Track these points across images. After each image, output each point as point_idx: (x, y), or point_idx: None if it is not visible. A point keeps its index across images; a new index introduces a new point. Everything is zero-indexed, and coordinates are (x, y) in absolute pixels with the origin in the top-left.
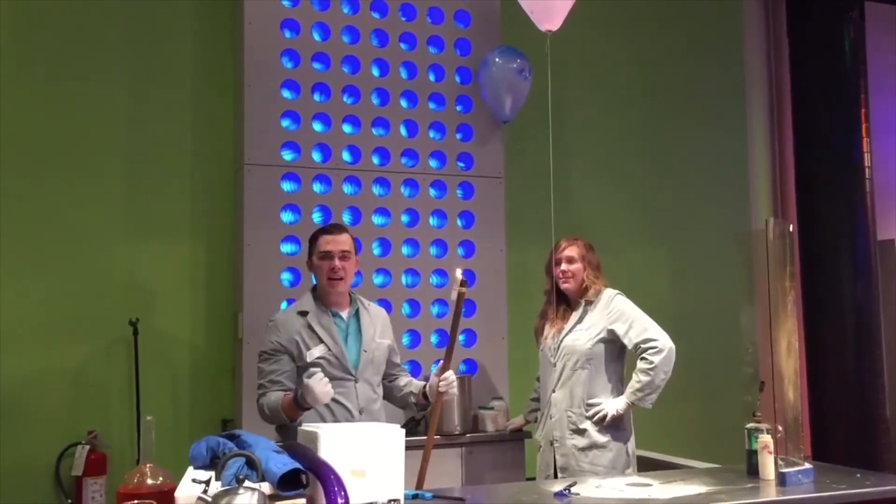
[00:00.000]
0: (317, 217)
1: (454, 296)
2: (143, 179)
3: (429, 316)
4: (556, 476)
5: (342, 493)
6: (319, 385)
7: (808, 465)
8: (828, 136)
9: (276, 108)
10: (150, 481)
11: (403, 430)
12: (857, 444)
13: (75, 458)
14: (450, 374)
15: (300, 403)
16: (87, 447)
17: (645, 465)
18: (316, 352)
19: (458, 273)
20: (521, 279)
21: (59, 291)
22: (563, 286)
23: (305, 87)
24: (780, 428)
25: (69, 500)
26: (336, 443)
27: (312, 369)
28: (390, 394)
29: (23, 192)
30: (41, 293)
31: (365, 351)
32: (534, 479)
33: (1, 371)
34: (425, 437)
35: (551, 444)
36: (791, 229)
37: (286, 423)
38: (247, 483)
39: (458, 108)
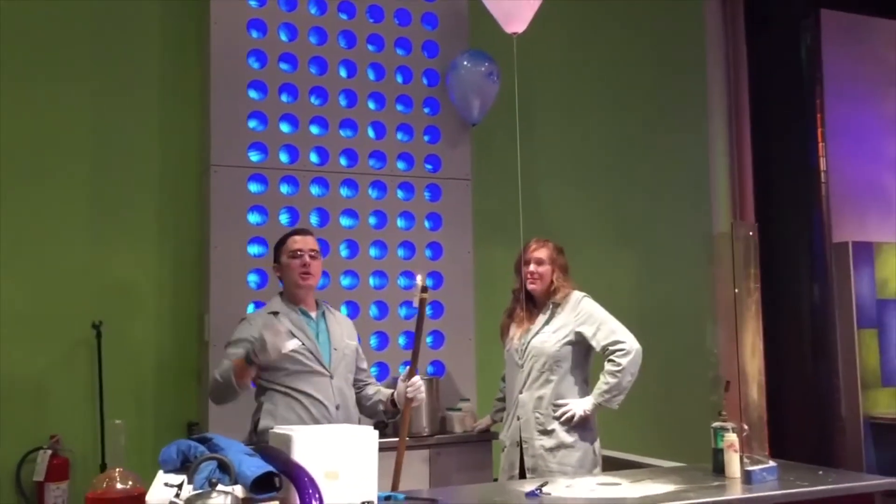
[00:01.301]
0: (284, 219)
1: (416, 302)
2: (108, 181)
3: (396, 318)
4: (521, 477)
5: (316, 496)
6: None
7: (772, 463)
8: (784, 141)
9: (242, 109)
10: (119, 486)
11: (377, 432)
12: (814, 441)
13: (37, 462)
14: (417, 380)
15: (250, 359)
16: (49, 452)
17: (610, 465)
18: (290, 344)
19: (419, 279)
20: (488, 281)
21: (21, 293)
22: (530, 287)
23: (272, 88)
24: (745, 426)
25: None
26: (309, 445)
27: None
28: (359, 403)
29: None
30: (3, 295)
31: (335, 349)
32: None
33: None
34: (395, 439)
35: (517, 444)
36: (752, 233)
37: (235, 392)
38: (220, 486)
39: (426, 110)
